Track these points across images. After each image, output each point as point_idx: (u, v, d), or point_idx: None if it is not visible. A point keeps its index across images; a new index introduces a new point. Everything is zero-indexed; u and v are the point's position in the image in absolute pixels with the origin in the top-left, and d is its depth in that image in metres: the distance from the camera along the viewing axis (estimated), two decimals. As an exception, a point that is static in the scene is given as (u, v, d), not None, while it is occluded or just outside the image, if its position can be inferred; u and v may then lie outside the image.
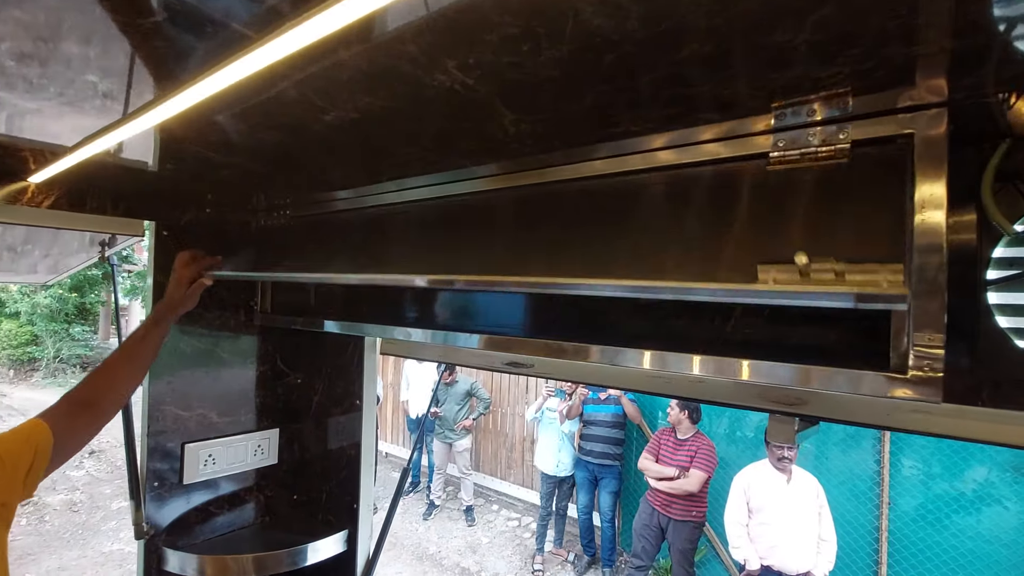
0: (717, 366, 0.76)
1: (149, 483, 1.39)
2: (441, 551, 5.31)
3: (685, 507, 3.97)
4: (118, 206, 1.30)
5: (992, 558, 3.67)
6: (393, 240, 1.18)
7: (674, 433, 4.12)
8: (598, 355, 0.87)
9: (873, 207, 0.62)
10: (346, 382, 1.60)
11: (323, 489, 1.65)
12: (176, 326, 1.43)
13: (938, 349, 0.59)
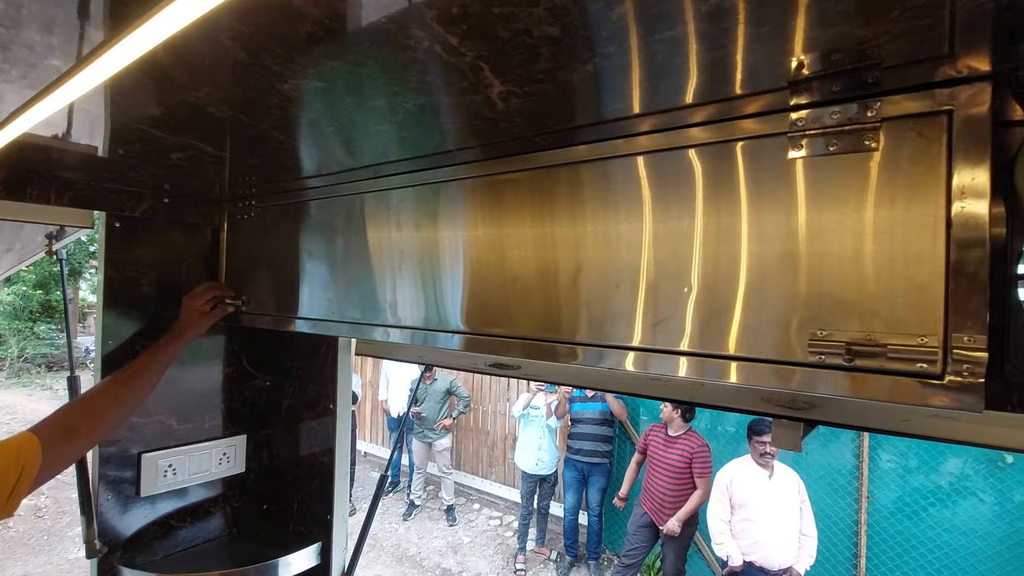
0: (701, 367, 0.69)
1: (102, 496, 1.27)
2: (422, 552, 5.22)
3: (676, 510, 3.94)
4: (63, 195, 1.18)
5: (968, 549, 3.74)
6: (370, 231, 1.09)
7: (665, 430, 4.09)
8: (581, 356, 0.79)
9: (907, 196, 0.56)
10: (319, 384, 1.50)
11: (295, 499, 1.55)
12: (132, 324, 1.32)
13: (981, 352, 0.53)
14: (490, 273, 0.89)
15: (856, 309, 0.58)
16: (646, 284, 0.72)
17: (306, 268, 1.22)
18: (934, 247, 0.55)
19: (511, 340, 0.86)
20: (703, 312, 0.67)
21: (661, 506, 3.96)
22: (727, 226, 0.66)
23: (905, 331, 0.55)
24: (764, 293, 0.63)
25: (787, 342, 0.62)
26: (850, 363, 0.58)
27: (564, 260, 0.79)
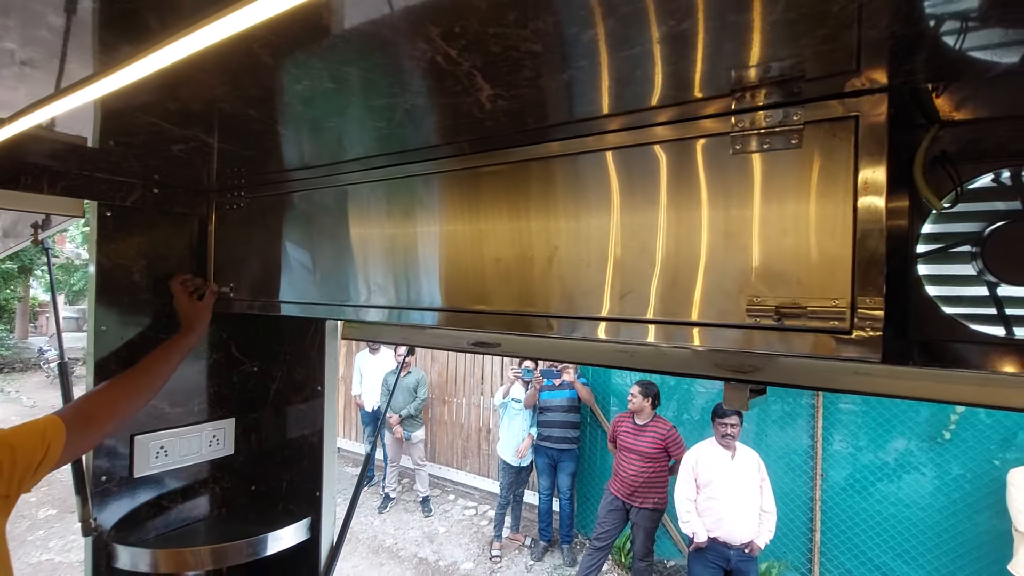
0: (669, 333, 0.80)
1: (96, 477, 1.32)
2: (398, 543, 5.28)
3: (648, 495, 4.12)
4: (56, 185, 1.22)
5: (911, 520, 4.03)
6: (358, 221, 1.17)
7: (632, 419, 4.25)
8: (556, 327, 0.89)
9: (824, 187, 0.68)
10: (307, 368, 1.57)
11: (283, 478, 1.62)
12: (124, 311, 1.37)
13: (879, 311, 0.65)
14: (473, 255, 0.98)
15: (783, 279, 0.70)
16: (614, 262, 0.83)
17: (293, 255, 1.29)
18: (844, 229, 0.67)
19: (492, 315, 0.96)
20: (664, 285, 0.79)
21: (635, 490, 4.12)
22: (684, 211, 0.77)
23: (822, 296, 0.68)
24: (714, 268, 0.75)
25: (731, 308, 0.73)
26: (779, 323, 0.70)
27: (540, 242, 0.90)
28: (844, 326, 0.67)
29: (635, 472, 4.12)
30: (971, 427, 3.88)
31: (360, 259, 1.16)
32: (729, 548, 3.52)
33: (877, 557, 4.12)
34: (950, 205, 0.78)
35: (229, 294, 1.42)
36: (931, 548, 3.95)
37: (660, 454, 4.11)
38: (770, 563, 4.35)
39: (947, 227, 0.82)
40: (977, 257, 0.78)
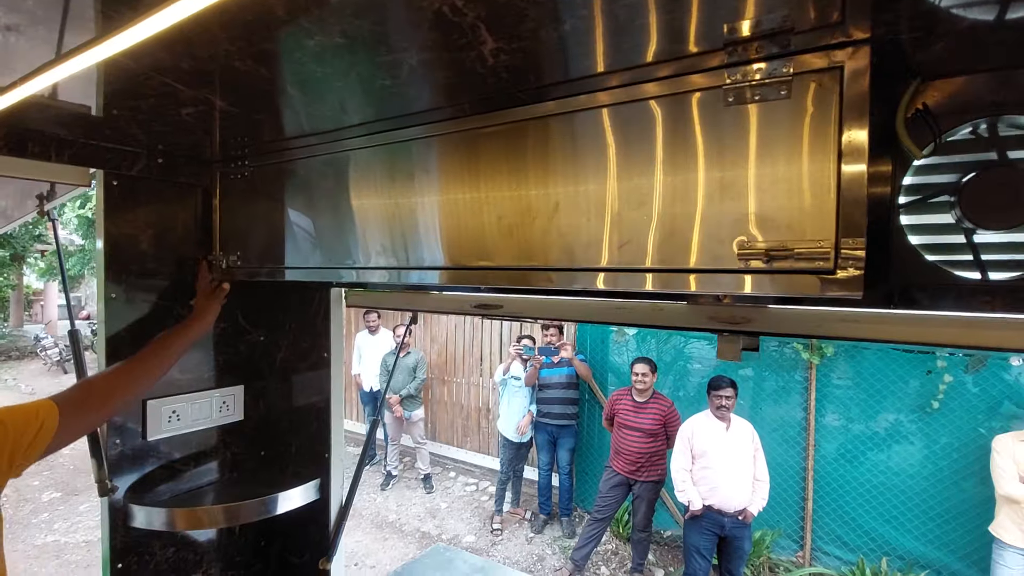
0: (666, 281, 0.84)
1: (111, 439, 1.36)
2: (401, 518, 5.39)
3: (650, 469, 4.21)
4: (63, 153, 1.24)
5: (899, 487, 4.15)
6: (360, 186, 1.19)
7: (631, 396, 4.32)
8: (556, 280, 0.94)
9: (811, 135, 0.72)
10: (312, 336, 1.61)
11: (292, 443, 1.67)
12: (132, 280, 1.40)
13: (860, 251, 0.69)
14: (475, 215, 1.01)
15: (773, 224, 0.74)
16: (613, 215, 0.87)
17: (297, 222, 1.32)
18: (829, 176, 0.71)
19: (496, 271, 1.00)
20: (661, 235, 0.83)
21: (639, 466, 4.20)
22: (680, 163, 0.81)
23: (808, 238, 0.72)
24: (708, 217, 0.79)
25: (724, 254, 0.77)
26: (769, 265, 0.74)
27: (541, 199, 0.93)
28: (828, 266, 0.71)
29: (638, 449, 4.19)
30: (959, 397, 3.98)
31: (363, 223, 1.19)
32: (724, 515, 3.62)
33: (867, 523, 4.24)
34: (929, 155, 0.82)
35: (236, 263, 1.45)
36: (919, 514, 4.07)
37: (660, 430, 4.19)
38: (764, 531, 4.48)
39: (927, 179, 0.86)
40: (955, 206, 0.82)
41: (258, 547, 1.69)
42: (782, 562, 4.48)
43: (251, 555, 1.67)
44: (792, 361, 4.58)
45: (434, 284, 1.10)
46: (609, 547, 4.87)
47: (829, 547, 4.41)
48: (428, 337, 6.78)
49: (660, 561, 4.73)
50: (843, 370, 4.43)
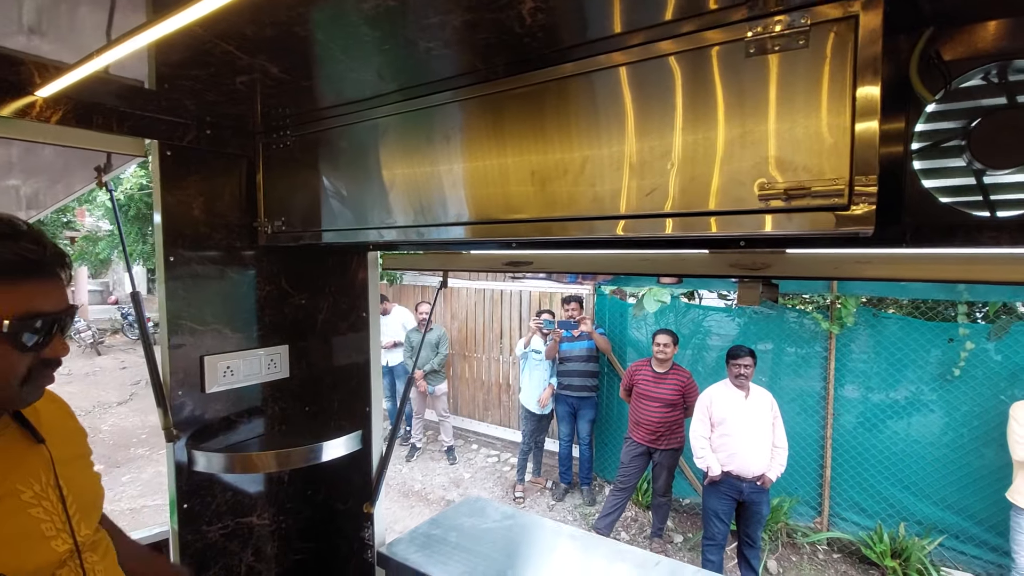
0: (690, 224, 0.91)
1: (174, 391, 1.49)
2: (426, 488, 5.58)
3: (670, 437, 4.29)
4: (123, 124, 1.34)
5: (919, 455, 4.18)
6: (397, 151, 1.27)
7: (651, 367, 4.39)
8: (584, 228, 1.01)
9: (828, 80, 0.77)
10: (351, 297, 1.71)
11: (334, 399, 1.78)
12: (188, 242, 1.50)
13: (872, 187, 0.75)
14: (511, 171, 1.09)
15: (791, 166, 0.81)
16: (640, 165, 0.93)
17: (336, 188, 1.41)
18: (844, 119, 0.77)
19: (529, 223, 1.07)
20: (685, 181, 0.89)
21: (659, 436, 4.29)
22: (702, 113, 0.87)
23: (825, 177, 0.78)
24: (730, 162, 0.85)
25: (745, 196, 0.84)
26: (787, 204, 0.80)
27: (572, 153, 1.00)
28: (843, 202, 0.77)
29: (658, 420, 4.27)
30: (981, 365, 3.97)
31: (397, 185, 1.27)
32: (742, 481, 3.70)
33: (885, 490, 4.29)
34: (941, 101, 0.87)
35: (281, 228, 1.55)
36: (937, 480, 4.11)
37: (679, 400, 4.26)
38: (782, 498, 4.55)
39: (939, 125, 0.91)
40: (965, 149, 0.87)
41: (305, 495, 1.82)
42: (800, 527, 4.56)
43: (300, 502, 1.80)
44: (812, 332, 4.60)
45: (468, 240, 1.18)
46: (629, 514, 5.00)
47: (847, 513, 4.47)
48: (449, 314, 6.91)
49: (679, 527, 4.84)
50: (863, 340, 4.44)
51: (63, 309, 0.83)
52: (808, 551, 4.41)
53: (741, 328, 4.97)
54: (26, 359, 0.79)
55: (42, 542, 0.84)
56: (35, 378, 0.81)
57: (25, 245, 0.77)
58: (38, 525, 0.84)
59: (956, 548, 4.07)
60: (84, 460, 1.01)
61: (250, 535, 1.68)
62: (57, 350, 0.83)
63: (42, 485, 0.87)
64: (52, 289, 0.82)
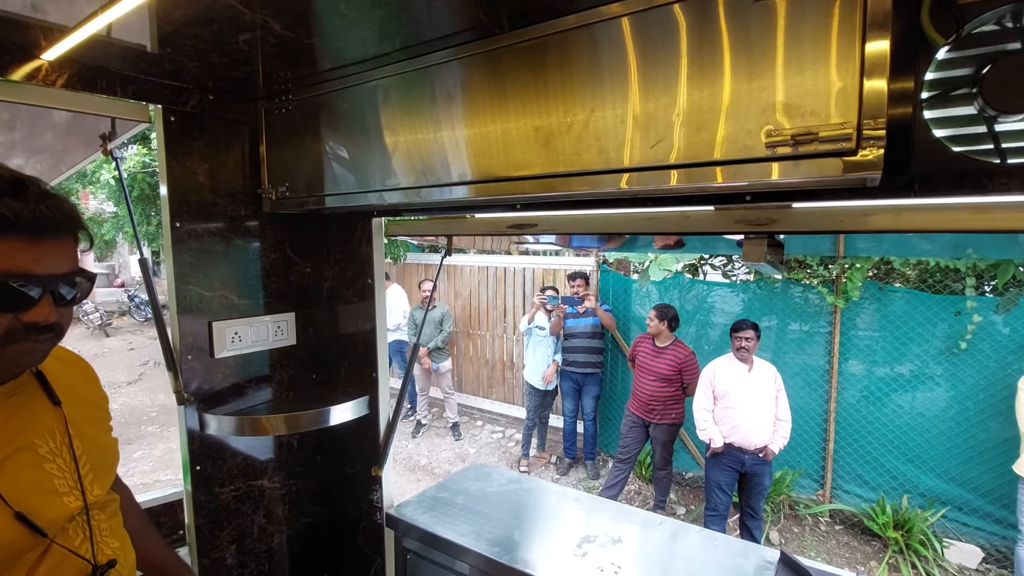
0: (690, 176, 0.90)
1: (184, 356, 1.51)
2: (432, 463, 5.66)
3: (664, 412, 4.33)
4: (127, 88, 1.33)
5: (923, 428, 4.19)
6: (400, 112, 1.26)
7: (652, 341, 4.41)
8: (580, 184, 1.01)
9: (837, 25, 0.76)
10: (356, 264, 1.71)
11: (341, 365, 1.80)
12: (193, 209, 1.51)
13: (880, 131, 0.75)
14: (515, 127, 1.08)
15: (799, 112, 0.80)
16: (646, 116, 0.92)
17: (339, 152, 1.41)
18: (853, 63, 0.76)
19: (535, 179, 1.07)
20: (689, 131, 0.88)
21: (652, 408, 4.34)
22: (707, 61, 0.86)
23: (833, 122, 0.77)
24: (737, 110, 0.84)
25: (752, 144, 0.83)
26: (795, 150, 0.80)
27: (578, 107, 0.99)
28: (850, 146, 0.76)
29: (651, 392, 4.32)
30: (988, 338, 3.96)
31: (404, 146, 1.27)
32: (744, 453, 3.74)
33: (889, 463, 4.32)
34: (952, 45, 0.85)
35: (285, 194, 1.55)
36: (941, 453, 4.13)
37: (675, 376, 4.29)
38: (784, 471, 4.60)
39: (949, 72, 0.89)
40: (977, 96, 0.86)
41: (315, 460, 1.86)
42: (802, 500, 4.61)
43: (309, 466, 1.84)
44: (816, 307, 4.59)
45: (473, 200, 1.18)
46: (632, 487, 5.07)
47: (850, 486, 4.51)
48: (452, 292, 6.92)
49: (682, 500, 4.91)
50: (868, 314, 4.43)
51: (54, 273, 0.78)
52: (810, 522, 4.47)
53: (745, 304, 4.96)
54: (2, 319, 0.74)
55: (55, 496, 0.86)
56: (14, 341, 0.76)
57: (8, 203, 0.72)
58: (52, 480, 0.86)
59: (959, 520, 4.11)
60: (102, 424, 1.03)
61: (261, 497, 1.72)
62: (41, 314, 0.77)
63: (56, 443, 0.89)
64: (41, 250, 0.76)
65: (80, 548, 0.88)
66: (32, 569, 0.81)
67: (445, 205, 1.39)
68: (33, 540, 0.81)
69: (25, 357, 0.81)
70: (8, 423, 0.83)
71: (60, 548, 0.84)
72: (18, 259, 0.74)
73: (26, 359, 0.82)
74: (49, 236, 0.78)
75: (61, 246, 0.80)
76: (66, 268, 0.80)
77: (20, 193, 0.74)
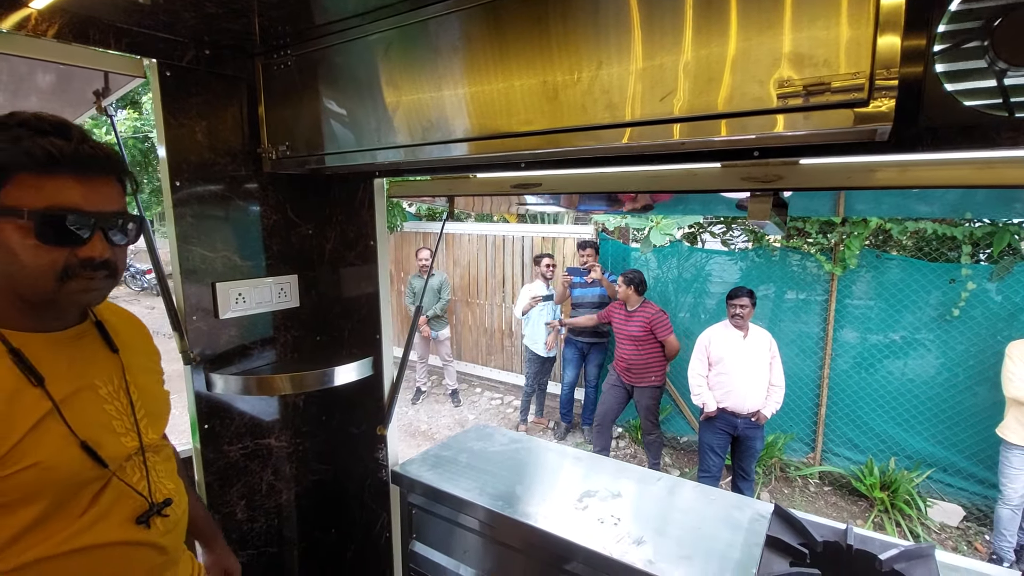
0: (698, 129, 0.90)
1: (188, 316, 1.51)
2: (431, 428, 5.77)
3: (644, 374, 4.41)
4: (121, 40, 1.30)
5: (913, 393, 4.28)
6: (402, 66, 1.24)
7: (624, 306, 4.51)
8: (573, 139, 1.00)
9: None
10: (358, 225, 1.71)
11: (344, 328, 1.82)
12: (193, 169, 1.49)
13: (893, 81, 0.74)
14: (520, 81, 1.06)
15: (812, 62, 0.79)
16: (656, 68, 0.91)
17: (339, 109, 1.38)
18: (868, 13, 0.75)
19: (542, 135, 1.06)
20: (698, 82, 0.88)
21: (630, 370, 4.45)
22: (717, 8, 0.84)
23: (846, 71, 0.77)
24: (747, 61, 0.83)
25: (763, 95, 0.83)
26: (806, 101, 0.79)
27: (585, 59, 0.98)
28: (862, 96, 0.76)
29: (628, 355, 4.45)
30: (980, 305, 4.01)
31: (405, 103, 1.24)
32: (737, 417, 3.82)
33: (879, 427, 4.43)
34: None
35: (286, 153, 1.53)
36: (930, 418, 4.23)
37: (648, 335, 4.38)
38: (777, 435, 4.71)
39: (961, 25, 0.88)
40: (988, 49, 0.85)
41: (320, 420, 1.89)
42: (793, 462, 4.73)
43: (315, 425, 1.87)
44: (813, 276, 4.62)
45: (475, 157, 1.17)
46: (628, 451, 5.19)
47: (840, 449, 4.64)
48: (451, 260, 6.91)
49: (676, 463, 5.03)
50: (864, 282, 4.47)
51: (105, 211, 0.82)
52: (800, 484, 4.60)
53: (743, 272, 4.99)
54: (58, 255, 0.78)
55: (114, 435, 0.90)
56: (73, 277, 0.80)
57: (54, 140, 0.75)
58: (111, 420, 0.91)
59: (944, 481, 4.24)
60: (155, 375, 1.09)
61: (269, 456, 1.75)
62: (95, 250, 0.80)
63: (114, 387, 0.94)
64: (88, 188, 0.79)
65: (138, 485, 0.92)
66: (93, 501, 0.85)
67: (448, 164, 1.38)
68: (96, 472, 0.85)
69: (83, 294, 0.83)
70: (74, 363, 0.88)
71: (119, 482, 0.89)
72: (68, 195, 0.78)
73: (84, 296, 0.84)
74: (95, 174, 0.81)
75: (108, 185, 0.83)
76: (114, 207, 0.84)
77: (64, 133, 0.77)
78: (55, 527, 0.81)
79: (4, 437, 0.76)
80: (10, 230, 0.76)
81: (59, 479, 0.80)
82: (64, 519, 0.82)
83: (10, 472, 0.76)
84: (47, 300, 0.82)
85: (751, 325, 3.88)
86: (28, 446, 0.77)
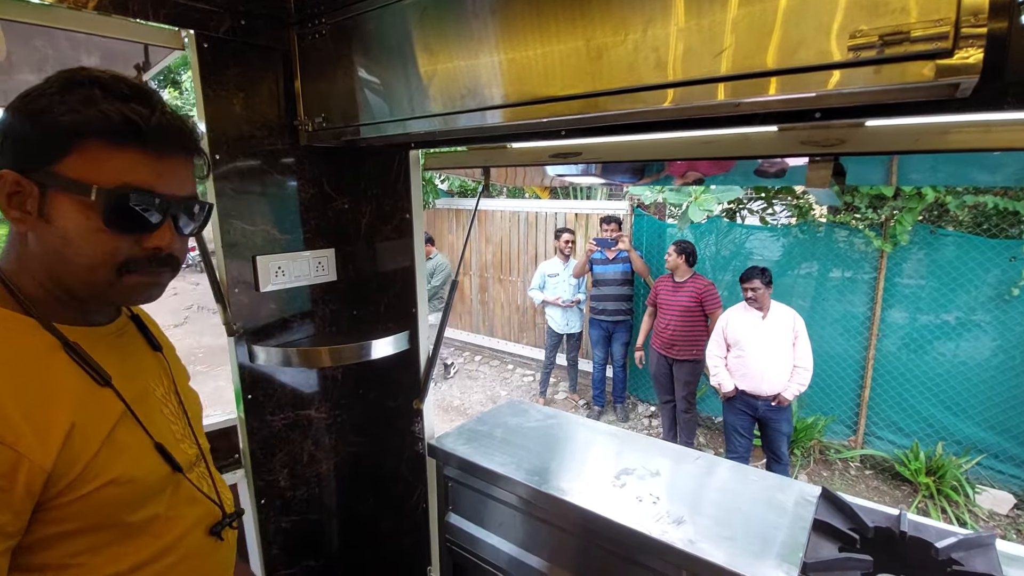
0: (737, 89, 0.83)
1: (231, 289, 1.54)
2: (464, 403, 5.85)
3: (686, 347, 4.33)
4: (159, 11, 1.30)
5: (964, 376, 4.09)
6: (441, 27, 1.20)
7: (672, 277, 4.40)
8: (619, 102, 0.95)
9: None
10: (394, 199, 1.70)
11: (381, 301, 1.82)
12: (232, 141, 1.50)
13: (982, 28, 0.67)
14: (555, 41, 1.01)
15: (888, 9, 0.72)
16: (708, 24, 0.85)
17: (375, 78, 1.35)
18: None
19: (576, 99, 1.01)
20: (758, 36, 0.81)
21: (673, 343, 4.36)
22: (783, -45, 0.77)
23: (927, 18, 0.69)
24: (811, 6, 0.76)
25: (829, 47, 0.76)
26: (880, 52, 0.72)
27: (634, 18, 0.92)
28: (946, 46, 0.69)
29: (673, 327, 4.35)
30: (1044, 284, 3.77)
31: (442, 70, 1.21)
32: (757, 399, 3.72)
33: (926, 411, 4.25)
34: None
35: (322, 125, 1.52)
36: (982, 401, 4.03)
37: (696, 307, 4.28)
38: (817, 416, 4.58)
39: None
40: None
41: (358, 393, 1.92)
42: (833, 445, 4.61)
43: (353, 399, 1.90)
44: (861, 253, 4.41)
45: (513, 125, 1.13)
46: (659, 431, 5.14)
47: (883, 432, 4.48)
48: (483, 237, 6.90)
49: (710, 443, 4.97)
50: (916, 260, 4.24)
51: (176, 195, 0.70)
52: (840, 467, 4.49)
53: (785, 249, 4.81)
54: (122, 243, 0.67)
55: (175, 441, 0.80)
56: (136, 269, 0.69)
57: (134, 107, 0.63)
58: (169, 425, 0.81)
59: (994, 467, 4.06)
60: (186, 374, 0.99)
61: (309, 426, 1.79)
62: (164, 239, 0.69)
63: (165, 388, 0.84)
64: (164, 167, 0.68)
65: (208, 493, 0.84)
66: (168, 507, 0.75)
67: (484, 133, 1.34)
68: (170, 477, 0.75)
69: (141, 291, 0.72)
70: (127, 361, 0.77)
71: (191, 488, 0.80)
72: (140, 173, 0.66)
73: (142, 294, 0.73)
74: (172, 152, 0.69)
75: (184, 166, 0.72)
76: (187, 191, 0.72)
77: (146, 99, 0.66)
78: (131, 547, 0.69)
79: (81, 449, 0.63)
80: (71, 209, 0.64)
81: (139, 493, 0.70)
82: (140, 535, 0.71)
83: (87, 491, 0.63)
84: (97, 294, 0.70)
85: (773, 303, 3.74)
86: (105, 458, 0.66)
